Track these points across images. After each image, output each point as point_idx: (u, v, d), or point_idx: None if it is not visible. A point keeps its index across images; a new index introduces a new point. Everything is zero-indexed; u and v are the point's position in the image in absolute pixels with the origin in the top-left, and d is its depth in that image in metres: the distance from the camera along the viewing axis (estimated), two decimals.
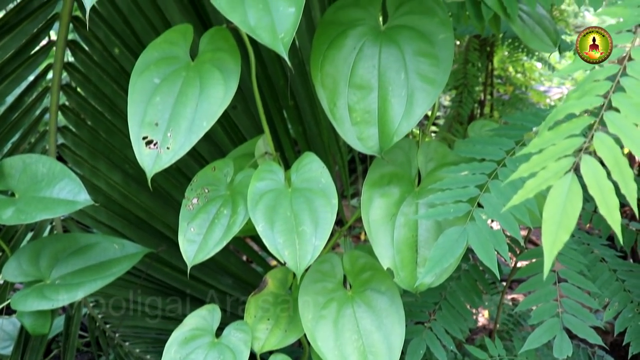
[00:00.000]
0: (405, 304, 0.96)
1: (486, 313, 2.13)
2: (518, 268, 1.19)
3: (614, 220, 0.52)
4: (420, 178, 0.96)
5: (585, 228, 1.58)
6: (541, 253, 1.11)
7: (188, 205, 0.92)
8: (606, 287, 1.16)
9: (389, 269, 0.91)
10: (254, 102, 0.97)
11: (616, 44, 0.68)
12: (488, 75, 2.73)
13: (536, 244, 2.54)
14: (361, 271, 0.96)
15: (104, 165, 1.38)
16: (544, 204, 0.96)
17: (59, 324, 1.62)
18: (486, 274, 1.27)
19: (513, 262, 1.24)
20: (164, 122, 0.82)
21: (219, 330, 0.97)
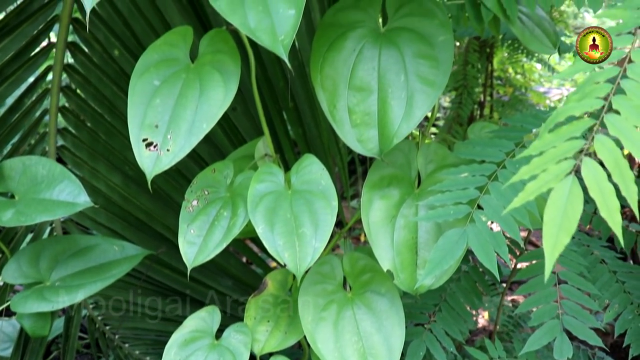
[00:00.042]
0: (405, 306, 0.96)
1: (486, 314, 2.13)
2: (518, 269, 1.19)
3: (615, 222, 0.52)
4: (420, 180, 0.96)
5: (585, 229, 1.58)
6: (541, 255, 1.11)
7: (188, 207, 0.92)
8: (606, 289, 1.16)
9: (389, 271, 0.91)
10: (254, 104, 0.97)
11: (616, 46, 0.68)
12: (488, 76, 2.73)
13: (536, 245, 2.54)
14: (361, 273, 0.96)
15: (104, 167, 1.38)
16: (544, 206, 0.96)
17: (59, 326, 1.62)
18: (486, 276, 1.27)
19: (513, 264, 1.24)
20: (164, 124, 0.82)
21: (219, 332, 0.97)
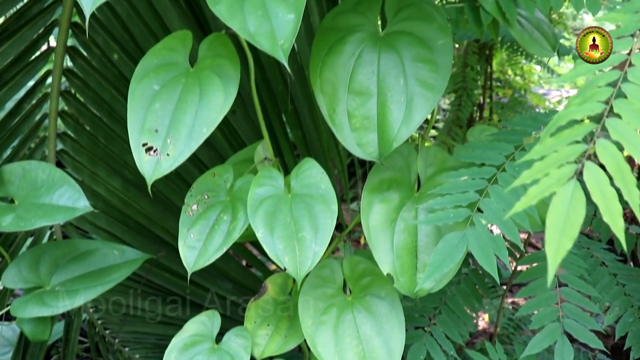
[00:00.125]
0: (405, 309, 0.96)
1: (486, 317, 2.13)
2: (518, 272, 1.19)
3: (618, 227, 0.52)
4: (419, 183, 0.96)
5: (585, 231, 1.58)
6: (542, 257, 1.11)
7: (188, 211, 0.92)
8: (606, 292, 1.16)
9: (389, 275, 0.91)
10: (254, 107, 0.97)
11: (616, 50, 0.68)
12: (487, 78, 2.73)
13: (537, 247, 2.54)
14: (361, 276, 0.96)
15: (104, 171, 1.38)
16: (544, 209, 0.96)
17: (59, 330, 1.62)
18: (486, 278, 1.27)
19: (513, 266, 1.24)
20: (164, 129, 0.82)
21: (219, 335, 0.97)
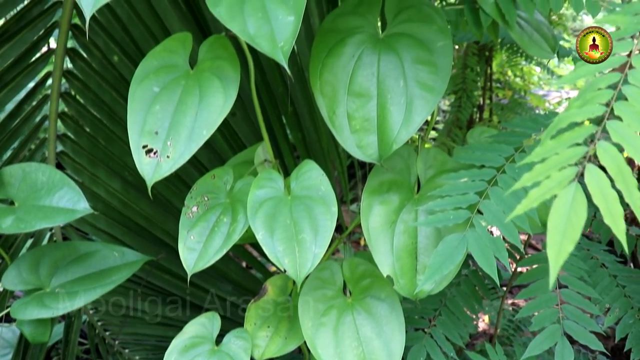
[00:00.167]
0: (405, 311, 0.96)
1: (486, 318, 2.13)
2: (518, 273, 1.19)
3: (619, 229, 0.51)
4: (419, 185, 0.96)
5: (585, 233, 1.58)
6: (541, 259, 1.11)
7: (188, 213, 0.92)
8: (607, 293, 1.16)
9: (389, 276, 0.91)
10: (254, 109, 0.97)
11: (616, 52, 0.68)
12: (487, 79, 2.74)
13: (536, 249, 2.54)
14: (361, 278, 0.96)
15: (104, 172, 1.38)
16: (544, 211, 0.96)
17: (59, 331, 1.61)
18: (486, 280, 1.27)
19: (513, 267, 1.24)
20: (164, 131, 0.82)
21: (219, 337, 0.97)
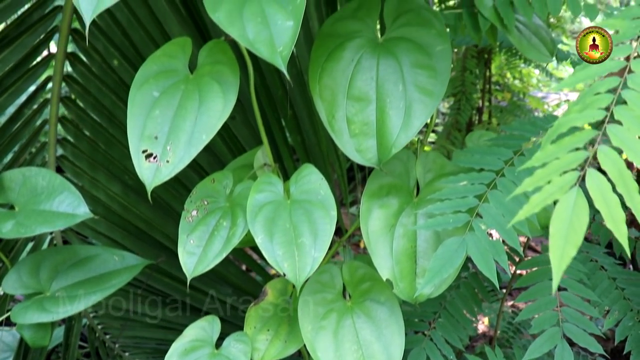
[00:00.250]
0: (404, 314, 0.96)
1: (486, 320, 2.13)
2: (518, 275, 1.19)
3: (621, 233, 0.52)
4: (418, 189, 0.96)
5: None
6: (541, 261, 1.12)
7: (187, 217, 0.93)
8: (606, 296, 1.16)
9: (388, 280, 0.91)
10: (253, 113, 0.97)
11: (615, 57, 0.68)
12: (486, 82, 2.74)
13: (536, 251, 2.54)
14: (360, 282, 0.96)
15: (104, 176, 1.38)
16: (543, 215, 0.96)
17: (59, 335, 1.62)
18: (485, 282, 1.27)
19: (513, 269, 1.24)
20: (164, 136, 0.83)
21: (219, 340, 0.97)
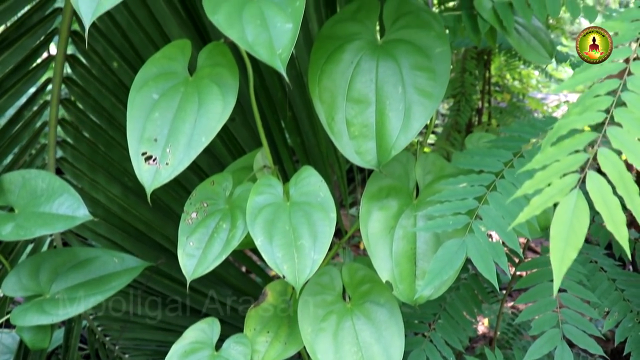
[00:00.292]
0: (404, 315, 0.96)
1: (486, 321, 2.13)
2: (518, 276, 1.19)
3: (621, 235, 0.52)
4: (418, 190, 0.96)
5: None
6: (541, 263, 1.12)
7: (187, 219, 0.93)
8: (606, 297, 1.16)
9: (388, 282, 0.91)
10: (253, 114, 0.97)
11: (614, 59, 0.68)
12: (485, 83, 2.74)
13: (536, 251, 2.54)
14: (360, 283, 0.96)
15: (103, 178, 1.38)
16: (543, 216, 0.96)
17: (59, 337, 1.61)
18: (485, 284, 1.27)
19: (512, 270, 1.24)
20: (163, 138, 0.83)
21: (219, 342, 0.97)
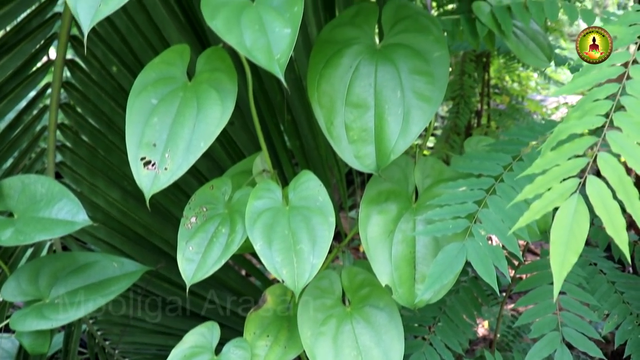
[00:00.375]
0: (403, 319, 0.96)
1: (486, 324, 2.13)
2: (518, 279, 1.19)
3: (621, 239, 0.52)
4: (417, 194, 0.96)
5: None
6: (541, 266, 1.12)
7: (186, 224, 0.93)
8: (605, 299, 1.16)
9: (387, 286, 0.91)
10: (252, 118, 0.97)
11: (613, 63, 0.68)
12: (484, 85, 2.74)
13: (535, 253, 2.54)
14: (360, 287, 0.96)
15: (103, 182, 1.38)
16: (544, 221, 0.96)
17: (58, 341, 1.61)
18: (485, 287, 1.27)
19: (512, 273, 1.24)
20: (162, 143, 0.83)
21: (219, 346, 0.97)
